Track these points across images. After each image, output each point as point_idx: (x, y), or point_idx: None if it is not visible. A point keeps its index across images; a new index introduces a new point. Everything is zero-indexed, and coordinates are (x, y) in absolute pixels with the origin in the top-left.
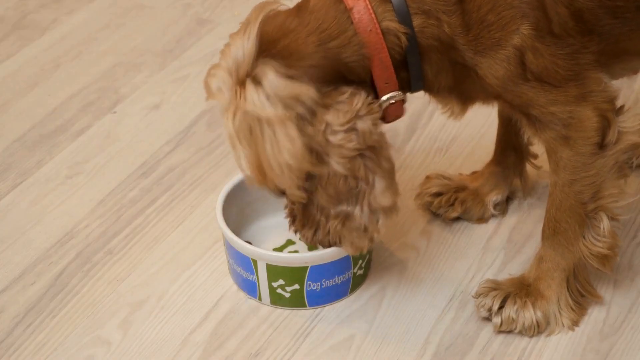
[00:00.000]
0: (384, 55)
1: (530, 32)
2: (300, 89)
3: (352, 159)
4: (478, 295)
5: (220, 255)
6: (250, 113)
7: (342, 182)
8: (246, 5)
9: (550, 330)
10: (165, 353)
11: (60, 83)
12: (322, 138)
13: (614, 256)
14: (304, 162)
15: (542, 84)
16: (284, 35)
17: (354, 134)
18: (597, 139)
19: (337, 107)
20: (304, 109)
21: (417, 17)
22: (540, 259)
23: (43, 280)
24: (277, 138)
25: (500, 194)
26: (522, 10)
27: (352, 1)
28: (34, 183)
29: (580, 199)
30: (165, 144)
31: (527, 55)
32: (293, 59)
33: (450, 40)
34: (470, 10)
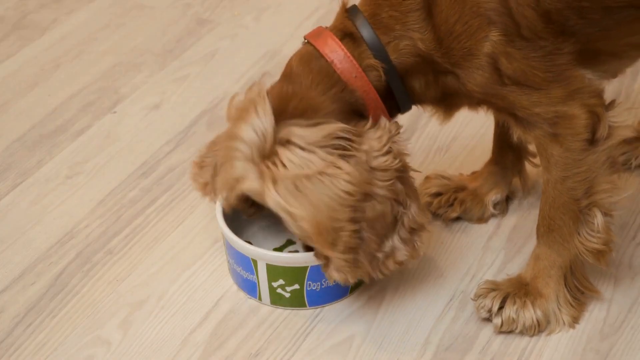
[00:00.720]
0: (373, 94)
1: (500, 37)
2: (330, 127)
3: (394, 182)
4: (477, 296)
5: (220, 255)
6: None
7: (389, 210)
8: (246, 5)
9: (550, 329)
10: (165, 353)
11: (60, 83)
12: (365, 166)
13: (609, 251)
14: (364, 185)
15: (521, 87)
16: (288, 101)
17: (391, 156)
18: (587, 135)
19: (369, 135)
20: (343, 143)
21: (390, 46)
22: (536, 257)
23: (43, 280)
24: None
25: (499, 193)
26: (488, 18)
27: (330, 54)
28: (34, 183)
29: (573, 196)
30: (165, 144)
31: (501, 61)
32: (309, 114)
33: (428, 55)
34: (439, 24)
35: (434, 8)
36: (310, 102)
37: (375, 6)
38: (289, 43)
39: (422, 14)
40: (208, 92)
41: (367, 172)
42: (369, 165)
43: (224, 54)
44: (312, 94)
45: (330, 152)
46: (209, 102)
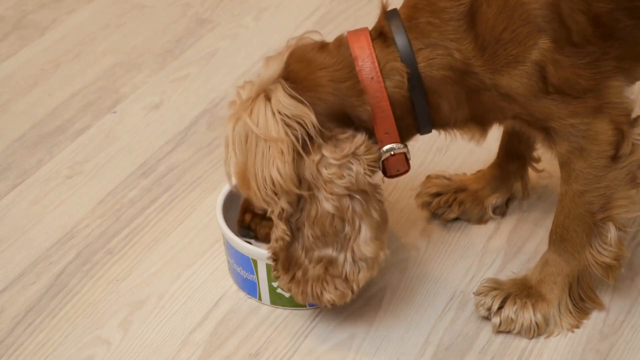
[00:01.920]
0: (385, 103)
1: (549, 45)
2: (303, 111)
3: (341, 198)
4: (478, 293)
5: (220, 255)
6: (250, 124)
7: (329, 222)
8: (246, 5)
9: (548, 333)
10: (165, 353)
11: (60, 83)
12: (314, 168)
13: (618, 267)
14: (289, 182)
15: (563, 96)
16: (301, 63)
17: (346, 172)
18: (611, 152)
19: (336, 142)
20: (304, 134)
21: (421, 53)
22: (545, 262)
23: (43, 280)
24: (270, 153)
25: (500, 197)
26: (537, 25)
27: (357, 49)
28: (34, 183)
29: (590, 209)
30: (165, 144)
31: (548, 69)
32: (303, 86)
33: (464, 66)
34: (483, 33)
35: (477, 17)
36: (313, 79)
37: (414, 10)
38: None
39: (464, 25)
40: (208, 92)
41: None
42: (318, 169)
43: (224, 54)
44: (321, 74)
45: (288, 134)
46: (209, 102)
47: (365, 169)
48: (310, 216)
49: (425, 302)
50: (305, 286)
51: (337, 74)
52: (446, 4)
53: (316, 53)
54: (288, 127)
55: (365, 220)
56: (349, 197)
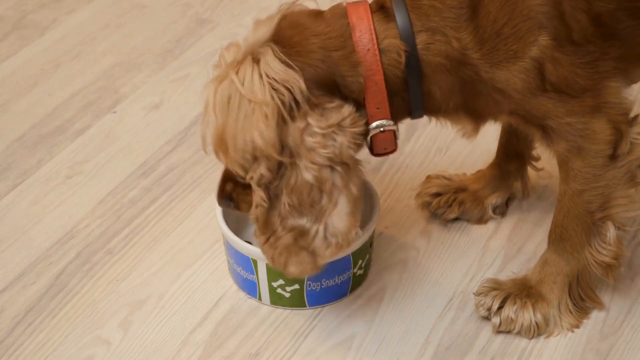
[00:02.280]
0: (379, 77)
1: (549, 42)
2: (292, 76)
3: (322, 169)
4: (478, 293)
5: (220, 255)
6: (236, 84)
7: (307, 191)
8: (246, 5)
9: (548, 333)
10: (165, 353)
11: (60, 83)
12: (298, 136)
13: (618, 266)
14: (270, 147)
15: (560, 95)
16: (294, 29)
17: (330, 142)
18: (609, 151)
19: (323, 110)
20: (290, 99)
21: (421, 35)
22: (544, 262)
23: (43, 280)
24: (253, 116)
25: (500, 197)
26: (539, 21)
27: (356, 19)
28: (34, 183)
29: (589, 208)
30: (165, 144)
31: (547, 66)
32: (294, 51)
33: (461, 56)
34: (484, 25)
35: (480, 9)
36: (304, 45)
37: None
38: None
39: (465, 14)
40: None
41: (293, 142)
42: (302, 137)
43: None
44: (314, 40)
45: (274, 98)
46: None
47: (349, 141)
48: (289, 184)
49: (425, 302)
50: (274, 252)
51: (331, 42)
52: None
53: (311, 19)
54: (275, 91)
55: (344, 194)
56: (330, 169)
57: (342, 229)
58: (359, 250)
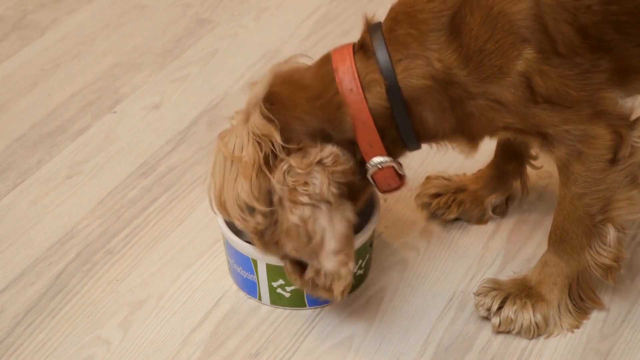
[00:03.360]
0: (366, 115)
1: (535, 55)
2: (270, 130)
3: (304, 207)
4: (478, 294)
5: (220, 255)
6: (222, 148)
7: (295, 233)
8: (246, 5)
9: (548, 333)
10: (165, 353)
11: (60, 83)
12: (282, 178)
13: (618, 268)
14: (253, 200)
15: (553, 105)
16: (284, 85)
17: (311, 180)
18: (610, 156)
19: (304, 152)
20: (270, 150)
21: (400, 64)
22: (544, 263)
23: (43, 280)
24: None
25: (499, 197)
26: (521, 35)
27: (339, 62)
28: (34, 183)
29: (589, 211)
30: (165, 144)
31: (535, 79)
32: (281, 106)
33: (446, 76)
34: (467, 42)
35: (461, 27)
36: (290, 99)
37: (394, 22)
38: (289, 43)
39: (444, 35)
40: (208, 92)
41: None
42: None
43: (224, 54)
44: (300, 94)
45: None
46: (209, 102)
47: (330, 179)
48: (283, 229)
49: (425, 302)
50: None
51: (314, 92)
52: (426, 16)
53: (299, 74)
54: (258, 145)
55: (329, 232)
56: (312, 207)
57: (330, 269)
58: (359, 250)
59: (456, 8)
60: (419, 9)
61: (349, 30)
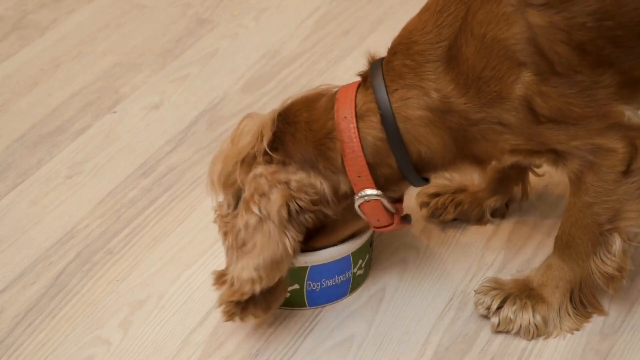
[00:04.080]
0: (356, 144)
1: (532, 77)
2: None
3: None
4: (478, 292)
5: (220, 255)
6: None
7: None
8: (246, 5)
9: (547, 335)
10: (165, 353)
11: (60, 83)
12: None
13: (620, 278)
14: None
15: (559, 124)
16: (300, 103)
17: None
18: (623, 168)
19: (281, 167)
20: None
21: (396, 93)
22: (548, 266)
23: (43, 280)
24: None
25: (499, 200)
26: (517, 60)
27: (342, 93)
28: (34, 183)
29: (597, 220)
30: (165, 144)
31: (536, 101)
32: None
33: (444, 105)
34: (465, 72)
35: (459, 57)
36: (297, 117)
37: (391, 54)
38: (289, 43)
39: (441, 66)
40: (208, 92)
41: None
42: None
43: (224, 54)
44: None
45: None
46: (209, 102)
47: (284, 201)
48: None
49: (425, 302)
50: None
51: (314, 115)
52: (421, 47)
53: (319, 96)
54: (256, 139)
55: (258, 249)
56: (259, 219)
57: (239, 277)
58: (359, 250)
59: (452, 39)
60: (415, 41)
61: (349, 30)
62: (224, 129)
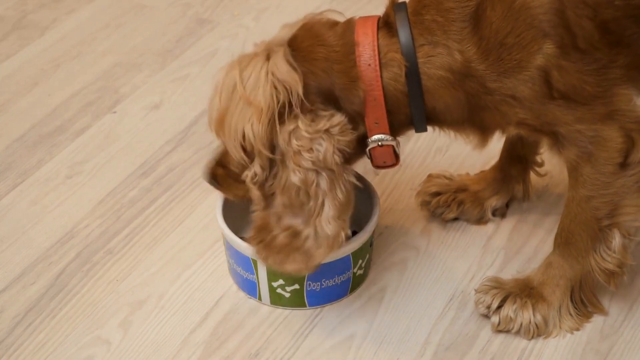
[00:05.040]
0: (378, 93)
1: (555, 50)
2: (294, 79)
3: (307, 171)
4: (479, 291)
5: (220, 255)
6: (240, 78)
7: (295, 193)
8: (246, 5)
9: (547, 334)
10: (165, 353)
11: (60, 83)
12: (287, 137)
13: (621, 274)
14: (259, 142)
15: (569, 102)
16: (308, 36)
17: (315, 147)
18: (620, 159)
19: (314, 116)
20: (286, 100)
21: (422, 49)
22: (548, 264)
23: (43, 280)
24: (249, 109)
25: (500, 200)
26: (542, 30)
27: (362, 35)
28: (34, 183)
29: (596, 215)
30: (165, 144)
31: (553, 74)
32: (301, 56)
33: (465, 69)
34: (487, 36)
35: (482, 20)
36: (311, 52)
37: (421, 6)
38: None
39: (469, 26)
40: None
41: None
42: (290, 138)
43: (224, 54)
44: (320, 50)
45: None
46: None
47: (334, 148)
48: (280, 184)
49: (425, 302)
50: (269, 252)
51: (334, 54)
52: (452, 5)
53: (325, 29)
54: (275, 89)
55: (329, 198)
56: (316, 172)
57: (330, 233)
58: (359, 250)
59: (479, 0)
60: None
61: None
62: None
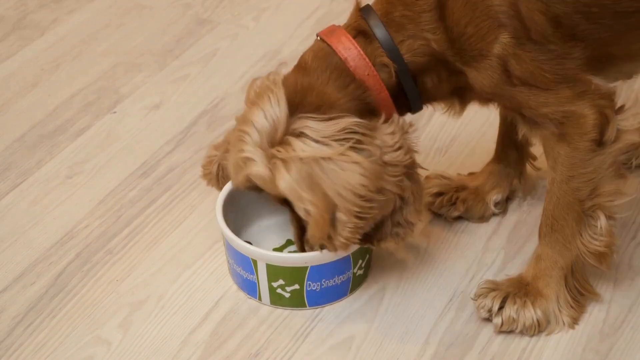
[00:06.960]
0: (385, 94)
1: (510, 40)
2: (345, 121)
3: (402, 178)
4: (477, 296)
5: (220, 255)
6: (305, 159)
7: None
8: (246, 5)
9: (550, 329)
10: (165, 353)
11: (60, 83)
12: (379, 160)
13: (610, 254)
14: (377, 179)
15: (530, 88)
16: (304, 94)
17: (402, 152)
18: (594, 135)
19: (382, 130)
20: (356, 137)
21: (404, 44)
22: (537, 257)
23: (43, 280)
24: (342, 168)
25: (500, 192)
26: (498, 20)
27: (344, 51)
28: (34, 183)
29: (578, 196)
30: (165, 144)
31: (510, 62)
32: (325, 109)
33: (441, 56)
34: (451, 26)
35: (445, 10)
36: (327, 97)
37: (388, 5)
38: (289, 43)
39: (435, 15)
40: (208, 92)
41: (379, 166)
42: (382, 159)
43: (224, 54)
44: (329, 90)
45: (343, 145)
46: (209, 102)
47: (411, 142)
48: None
49: (425, 302)
50: None
51: (340, 80)
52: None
53: (304, 77)
54: (342, 141)
55: (415, 192)
56: (405, 175)
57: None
58: (359, 250)
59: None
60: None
61: None
62: (224, 129)
